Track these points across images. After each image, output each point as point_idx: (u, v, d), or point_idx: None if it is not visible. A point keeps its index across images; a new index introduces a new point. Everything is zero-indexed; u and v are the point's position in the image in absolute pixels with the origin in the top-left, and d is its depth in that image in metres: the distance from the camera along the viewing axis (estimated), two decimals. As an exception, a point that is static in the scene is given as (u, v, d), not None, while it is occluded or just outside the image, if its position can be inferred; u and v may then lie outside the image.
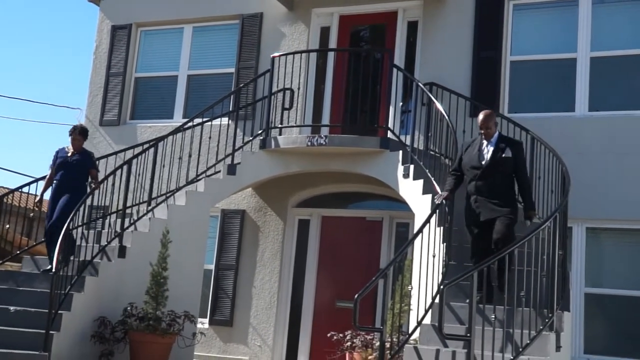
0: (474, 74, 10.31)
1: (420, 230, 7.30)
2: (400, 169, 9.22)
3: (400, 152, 9.31)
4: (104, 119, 12.47)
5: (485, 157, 7.47)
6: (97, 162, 9.96)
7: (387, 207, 10.59)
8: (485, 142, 7.56)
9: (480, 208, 7.36)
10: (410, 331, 7.21)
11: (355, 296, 6.69)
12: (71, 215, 8.62)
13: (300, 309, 10.86)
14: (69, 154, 9.38)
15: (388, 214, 10.59)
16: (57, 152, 9.47)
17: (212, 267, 11.19)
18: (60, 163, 9.32)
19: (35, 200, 9.49)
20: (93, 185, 9.28)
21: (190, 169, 10.20)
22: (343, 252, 10.76)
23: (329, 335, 8.40)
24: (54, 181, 9.32)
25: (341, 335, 8.05)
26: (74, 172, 9.27)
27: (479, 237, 7.39)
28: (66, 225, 8.48)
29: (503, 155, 7.42)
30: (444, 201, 7.67)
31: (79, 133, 9.42)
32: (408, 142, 9.34)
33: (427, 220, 7.39)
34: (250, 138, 10.42)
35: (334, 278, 10.71)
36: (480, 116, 7.60)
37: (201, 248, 10.15)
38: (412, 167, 9.08)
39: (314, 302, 10.81)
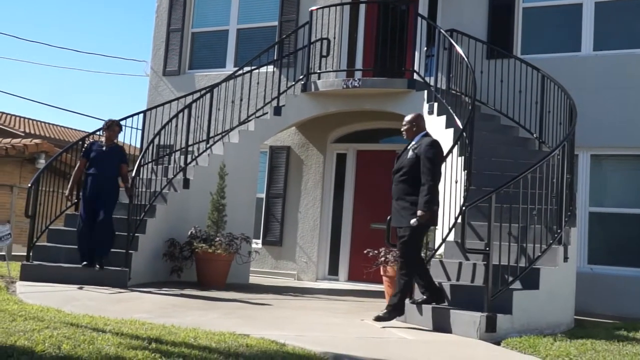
0: (490, 20, 10.10)
1: (444, 160, 7.18)
2: (426, 106, 9.14)
3: (425, 91, 9.24)
4: (166, 70, 12.44)
5: (404, 158, 6.50)
6: (162, 107, 9.99)
7: None
8: (409, 144, 6.59)
9: (393, 214, 6.47)
10: (436, 247, 7.24)
11: (387, 218, 6.66)
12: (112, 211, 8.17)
13: (339, 230, 10.95)
14: (104, 148, 8.35)
15: None
16: (91, 145, 8.40)
17: (263, 195, 11.29)
18: (95, 157, 8.24)
19: (66, 195, 8.42)
20: (125, 186, 8.34)
21: (241, 111, 10.23)
22: (376, 181, 10.73)
23: (365, 252, 8.43)
24: (89, 175, 8.20)
25: (376, 251, 8.11)
26: (109, 165, 8.26)
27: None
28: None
29: (407, 157, 6.41)
30: (464, 133, 7.54)
31: (117, 125, 8.51)
32: (432, 83, 9.23)
33: (450, 151, 7.32)
34: (293, 83, 10.35)
35: (369, 203, 10.74)
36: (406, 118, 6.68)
37: (253, 179, 10.23)
38: (435, 104, 9.00)
39: (351, 225, 10.89)
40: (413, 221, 6.14)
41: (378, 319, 6.33)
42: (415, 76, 9.58)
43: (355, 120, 10.88)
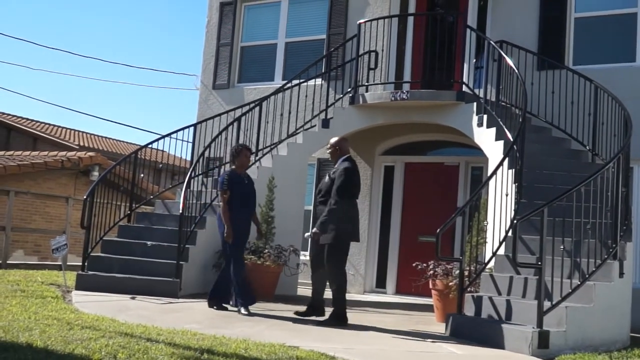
0: (541, 30, 9.98)
1: (495, 172, 7.16)
2: (475, 118, 9.08)
3: (475, 103, 9.17)
4: (216, 83, 12.59)
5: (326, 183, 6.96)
6: (212, 120, 10.07)
7: (463, 153, 10.52)
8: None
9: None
10: (486, 261, 7.16)
11: (437, 230, 6.66)
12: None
13: (387, 243, 10.93)
14: (242, 177, 7.48)
15: (464, 159, 10.51)
16: (230, 176, 7.40)
17: (311, 208, 11.30)
18: (241, 190, 7.39)
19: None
20: (257, 229, 7.71)
21: (290, 124, 10.27)
22: (424, 194, 10.74)
23: (413, 265, 8.39)
24: (242, 212, 7.37)
25: (424, 265, 8.07)
26: (249, 197, 7.47)
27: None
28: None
29: (326, 181, 6.90)
30: (514, 145, 7.46)
31: (248, 149, 7.60)
32: (481, 95, 9.16)
33: (501, 163, 7.23)
34: (341, 95, 10.39)
35: (417, 216, 10.73)
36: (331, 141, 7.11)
37: (301, 192, 10.26)
38: (485, 116, 8.92)
39: (399, 237, 10.87)
40: (307, 234, 6.89)
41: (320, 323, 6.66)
42: (464, 88, 9.53)
43: (403, 133, 10.85)
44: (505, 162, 7.35)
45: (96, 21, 53.67)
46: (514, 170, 7.60)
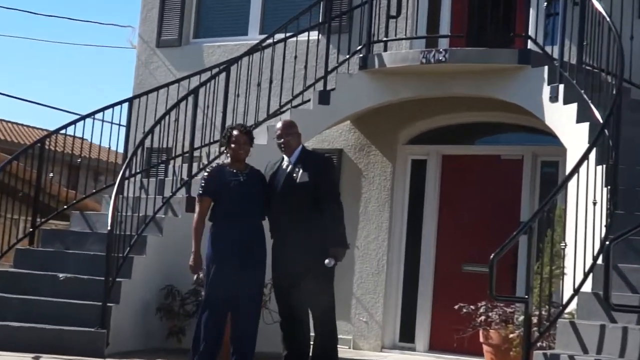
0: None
1: (576, 170, 7.10)
2: (546, 90, 9.10)
3: (546, 67, 9.20)
4: (161, 39, 12.60)
5: (280, 181, 7.43)
6: (157, 93, 10.06)
7: (529, 141, 10.54)
8: (285, 161, 7.51)
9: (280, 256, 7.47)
10: (564, 301, 7.12)
11: (491, 256, 6.63)
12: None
13: (416, 275, 10.86)
14: (238, 174, 7.48)
15: (530, 150, 10.46)
16: (215, 172, 7.53)
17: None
18: (230, 189, 7.41)
19: (190, 262, 7.38)
20: None
21: (271, 98, 10.24)
22: (471, 201, 10.71)
23: (456, 307, 8.45)
24: (222, 221, 7.36)
25: (472, 307, 8.14)
26: (251, 204, 7.43)
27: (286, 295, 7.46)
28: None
29: (298, 181, 7.30)
30: (605, 130, 7.43)
31: (245, 133, 7.63)
32: (555, 55, 9.16)
33: (585, 157, 7.21)
34: (347, 56, 10.36)
35: (460, 234, 10.69)
36: (278, 125, 7.63)
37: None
38: (561, 87, 8.95)
39: (433, 266, 10.81)
40: (328, 261, 7.27)
41: None
42: (530, 45, 9.52)
43: (439, 112, 10.85)
44: (592, 155, 7.34)
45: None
46: (604, 166, 7.59)
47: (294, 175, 7.38)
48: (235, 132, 7.55)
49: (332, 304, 7.45)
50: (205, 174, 7.64)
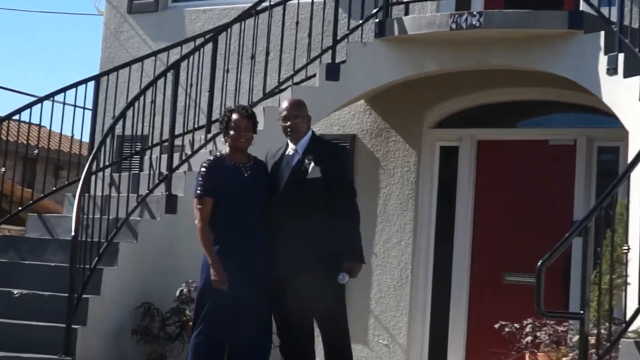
0: None
1: (640, 158, 7.15)
2: (603, 60, 9.06)
3: (602, 33, 9.18)
4: (134, 3, 12.72)
5: (285, 174, 7.30)
6: (129, 68, 10.17)
7: (583, 122, 10.61)
8: (291, 149, 7.35)
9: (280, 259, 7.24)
10: (628, 317, 7.04)
11: (538, 264, 6.67)
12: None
13: (447, 286, 10.91)
14: (240, 167, 7.52)
15: (584, 133, 10.46)
16: (213, 166, 7.51)
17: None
18: (231, 188, 7.47)
19: (214, 277, 7.31)
20: None
21: (268, 73, 10.30)
22: (513, 197, 10.74)
23: (496, 326, 8.43)
24: (220, 229, 7.44)
25: (516, 326, 8.14)
26: (256, 206, 7.50)
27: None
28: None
29: (308, 177, 7.18)
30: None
31: (247, 117, 7.62)
32: (614, 18, 9.06)
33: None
34: (360, 21, 10.38)
35: (500, 237, 10.74)
36: (284, 104, 7.52)
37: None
38: (621, 56, 8.89)
39: (468, 276, 10.86)
40: (341, 277, 7.14)
41: None
42: (583, 6, 9.53)
43: (473, 88, 10.87)
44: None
45: None
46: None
47: (304, 168, 7.22)
48: (234, 116, 7.51)
49: (344, 325, 7.34)
50: (202, 169, 7.51)
